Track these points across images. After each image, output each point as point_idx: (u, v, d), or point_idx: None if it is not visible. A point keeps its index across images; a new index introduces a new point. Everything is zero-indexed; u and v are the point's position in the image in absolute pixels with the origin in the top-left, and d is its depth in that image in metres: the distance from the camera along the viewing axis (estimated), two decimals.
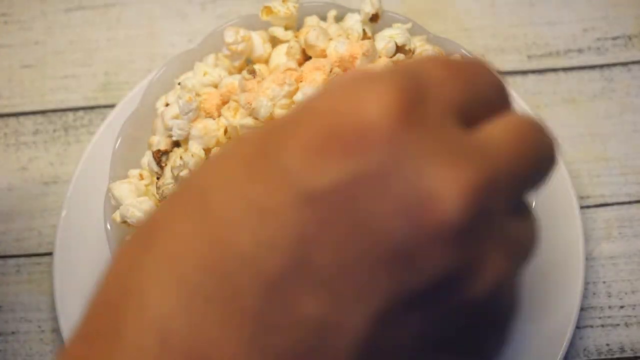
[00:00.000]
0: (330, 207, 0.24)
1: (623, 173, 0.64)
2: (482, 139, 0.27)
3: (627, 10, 0.69)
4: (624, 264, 0.61)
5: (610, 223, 0.63)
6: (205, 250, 0.25)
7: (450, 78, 0.27)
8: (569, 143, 0.65)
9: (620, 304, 0.60)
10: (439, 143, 0.25)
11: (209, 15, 0.70)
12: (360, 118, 0.25)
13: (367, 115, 0.25)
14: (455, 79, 0.27)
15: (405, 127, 0.25)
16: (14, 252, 0.61)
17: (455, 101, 0.27)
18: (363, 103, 0.25)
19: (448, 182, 0.24)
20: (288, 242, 0.24)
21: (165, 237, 0.25)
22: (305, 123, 0.25)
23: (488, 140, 0.27)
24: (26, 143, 0.64)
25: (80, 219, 0.59)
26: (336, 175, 0.24)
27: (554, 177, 0.65)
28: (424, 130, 0.25)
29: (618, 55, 0.68)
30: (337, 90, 0.26)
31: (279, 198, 0.24)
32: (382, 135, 0.24)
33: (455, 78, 0.27)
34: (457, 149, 0.25)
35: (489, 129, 0.27)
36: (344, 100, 0.25)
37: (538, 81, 0.67)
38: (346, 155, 0.24)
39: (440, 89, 0.27)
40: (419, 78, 0.26)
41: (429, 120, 0.25)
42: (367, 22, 0.54)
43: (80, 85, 0.66)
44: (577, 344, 0.59)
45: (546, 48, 0.68)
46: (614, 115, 0.66)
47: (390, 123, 0.25)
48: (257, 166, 0.25)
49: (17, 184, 0.63)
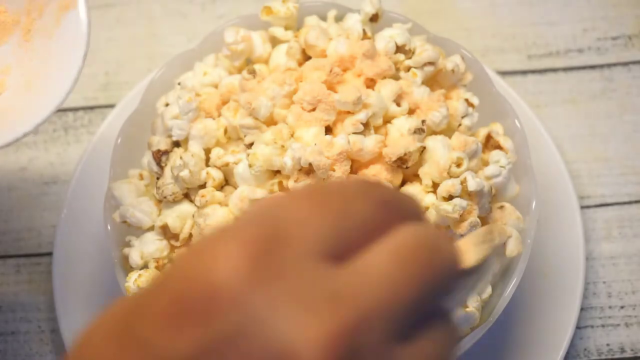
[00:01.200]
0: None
1: (623, 173, 0.64)
2: (355, 272, 0.26)
3: (627, 10, 0.69)
4: (624, 264, 0.61)
5: (610, 223, 0.63)
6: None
7: (314, 214, 0.26)
8: (569, 143, 0.65)
9: (620, 304, 0.60)
10: (297, 291, 0.25)
11: (209, 15, 0.70)
12: (209, 282, 0.24)
13: (215, 279, 0.24)
14: (319, 214, 0.26)
15: (254, 283, 0.24)
16: (13, 252, 0.61)
17: (320, 238, 0.26)
18: (212, 265, 0.25)
19: (305, 333, 0.24)
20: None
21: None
22: (160, 292, 0.25)
23: (362, 271, 0.26)
24: (26, 143, 0.64)
25: (80, 219, 0.59)
26: (191, 344, 0.24)
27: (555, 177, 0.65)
28: (279, 281, 0.25)
29: (618, 55, 0.68)
30: (191, 253, 0.26)
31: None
32: (230, 298, 0.24)
33: (320, 212, 0.26)
34: (318, 293, 0.25)
35: (367, 257, 0.26)
36: (194, 264, 0.25)
37: (538, 81, 0.67)
38: (197, 322, 0.24)
39: (302, 229, 0.26)
40: (276, 222, 0.26)
41: (286, 267, 0.25)
42: (367, 22, 0.54)
43: (80, 85, 0.66)
44: (577, 344, 0.59)
45: (546, 48, 0.68)
46: (614, 115, 0.66)
47: (238, 283, 0.24)
48: (123, 339, 0.25)
49: (17, 184, 0.63)
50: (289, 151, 0.47)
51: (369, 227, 0.27)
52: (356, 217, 0.27)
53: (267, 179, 0.49)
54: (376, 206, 0.27)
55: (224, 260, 0.25)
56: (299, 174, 0.46)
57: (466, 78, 0.53)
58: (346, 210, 0.27)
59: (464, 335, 0.48)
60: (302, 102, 0.48)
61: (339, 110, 0.48)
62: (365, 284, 0.26)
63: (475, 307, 0.48)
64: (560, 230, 0.60)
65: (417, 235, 0.27)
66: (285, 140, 0.48)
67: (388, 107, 0.50)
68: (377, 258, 0.26)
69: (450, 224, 0.48)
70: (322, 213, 0.26)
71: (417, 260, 0.27)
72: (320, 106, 0.48)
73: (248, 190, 0.48)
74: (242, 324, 0.24)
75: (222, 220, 0.48)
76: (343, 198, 0.27)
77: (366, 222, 0.27)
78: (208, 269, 0.25)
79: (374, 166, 0.49)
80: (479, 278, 0.37)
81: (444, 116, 0.50)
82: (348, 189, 0.28)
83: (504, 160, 0.50)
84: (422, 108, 0.50)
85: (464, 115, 0.52)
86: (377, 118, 0.49)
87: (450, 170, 0.49)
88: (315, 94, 0.48)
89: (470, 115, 0.52)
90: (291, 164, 0.46)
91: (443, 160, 0.49)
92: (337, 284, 0.25)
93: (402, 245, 0.27)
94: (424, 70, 0.52)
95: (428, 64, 0.52)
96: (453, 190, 0.47)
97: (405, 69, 0.52)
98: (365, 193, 0.28)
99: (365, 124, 0.48)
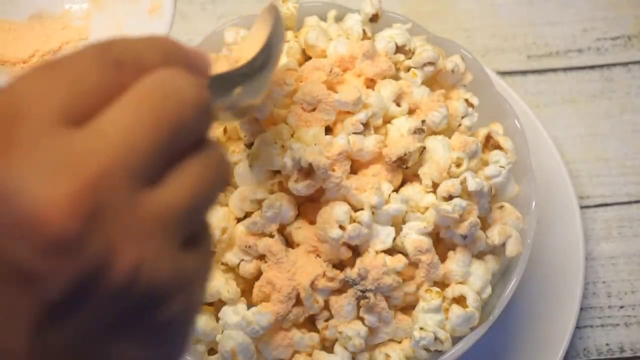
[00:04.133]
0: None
1: (623, 173, 0.64)
2: (92, 130, 0.27)
3: (627, 10, 0.69)
4: (623, 264, 0.61)
5: (610, 223, 0.63)
6: None
7: (46, 84, 0.27)
8: (569, 143, 0.65)
9: (620, 304, 0.60)
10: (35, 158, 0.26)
11: (209, 15, 0.70)
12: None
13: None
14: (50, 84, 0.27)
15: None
16: None
17: (54, 107, 0.27)
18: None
19: (46, 197, 0.25)
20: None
21: None
22: None
23: (98, 128, 0.27)
24: None
25: None
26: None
27: (554, 177, 0.65)
28: (17, 151, 0.26)
29: (618, 56, 0.68)
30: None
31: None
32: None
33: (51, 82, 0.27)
34: (58, 157, 0.26)
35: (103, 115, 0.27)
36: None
37: (538, 81, 0.67)
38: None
39: (35, 100, 0.27)
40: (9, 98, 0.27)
41: (22, 137, 0.26)
42: (367, 22, 0.54)
43: None
44: (577, 343, 0.59)
45: (546, 48, 0.68)
46: (613, 115, 0.66)
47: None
48: None
49: None
50: (289, 151, 0.47)
51: (104, 89, 0.28)
52: (89, 81, 0.28)
53: (267, 179, 0.49)
54: (110, 67, 0.28)
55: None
56: (299, 174, 0.46)
57: (466, 78, 0.53)
58: (77, 76, 0.28)
59: (464, 335, 0.48)
60: (302, 102, 0.48)
61: (339, 110, 0.49)
62: (102, 139, 0.27)
63: (475, 307, 0.48)
64: (560, 230, 0.60)
65: (149, 82, 0.29)
66: (285, 140, 0.48)
67: (388, 107, 0.50)
68: (111, 113, 0.27)
69: (450, 224, 0.48)
70: (53, 83, 0.27)
71: (149, 104, 0.28)
72: (320, 106, 0.48)
73: (248, 191, 0.48)
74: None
75: (221, 220, 0.48)
76: (74, 66, 0.28)
77: (100, 85, 0.28)
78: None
79: (374, 166, 0.49)
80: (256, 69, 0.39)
81: (443, 116, 0.50)
82: (80, 56, 0.28)
83: (503, 160, 0.50)
84: (422, 108, 0.50)
85: (463, 115, 0.52)
86: (377, 118, 0.49)
87: (450, 170, 0.49)
88: (315, 94, 0.48)
89: (470, 115, 0.52)
90: (291, 164, 0.46)
91: (443, 161, 0.49)
92: (75, 145, 0.26)
93: (134, 95, 0.28)
94: (424, 70, 0.52)
95: (428, 64, 0.52)
96: (453, 190, 0.47)
97: (405, 69, 0.52)
98: (97, 57, 0.28)
99: (365, 124, 0.48)
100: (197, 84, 0.30)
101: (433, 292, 0.48)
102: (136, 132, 0.27)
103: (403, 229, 0.48)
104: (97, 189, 0.26)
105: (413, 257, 0.48)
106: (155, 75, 0.29)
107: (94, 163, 0.26)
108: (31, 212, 0.25)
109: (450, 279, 0.48)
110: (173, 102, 0.29)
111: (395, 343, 0.49)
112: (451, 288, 0.48)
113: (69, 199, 0.26)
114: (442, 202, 0.47)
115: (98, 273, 0.26)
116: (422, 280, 0.48)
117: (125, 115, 0.28)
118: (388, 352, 0.48)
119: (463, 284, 0.48)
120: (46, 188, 0.25)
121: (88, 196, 0.26)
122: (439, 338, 0.47)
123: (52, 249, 0.25)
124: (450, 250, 0.49)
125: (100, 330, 0.28)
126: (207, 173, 0.30)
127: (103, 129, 0.27)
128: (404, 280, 0.48)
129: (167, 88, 0.29)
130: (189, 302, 0.29)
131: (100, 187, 0.26)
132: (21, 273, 0.26)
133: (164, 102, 0.28)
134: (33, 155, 0.26)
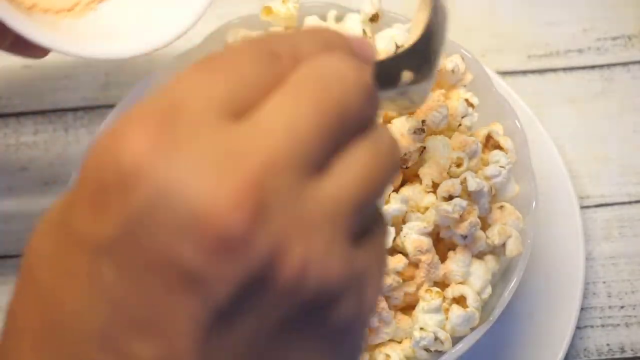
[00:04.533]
0: (120, 251, 0.25)
1: (623, 173, 0.64)
2: (254, 123, 0.26)
3: (627, 10, 0.69)
4: (624, 264, 0.61)
5: (610, 223, 0.63)
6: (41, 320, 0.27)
7: (204, 80, 0.27)
8: (569, 143, 0.65)
9: (620, 304, 0.60)
10: (199, 155, 0.25)
11: (209, 15, 0.69)
12: (117, 162, 0.25)
13: (122, 158, 0.25)
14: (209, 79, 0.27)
15: (156, 155, 0.25)
16: (13, 252, 0.61)
17: (214, 101, 0.26)
18: (117, 146, 0.25)
19: (214, 193, 0.24)
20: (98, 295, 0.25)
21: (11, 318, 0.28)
22: (82, 182, 0.26)
23: (260, 119, 0.26)
24: (26, 143, 0.64)
25: None
26: (111, 225, 0.25)
27: (555, 177, 0.65)
28: (180, 148, 0.25)
29: (618, 56, 0.68)
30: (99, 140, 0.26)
31: (77, 258, 0.26)
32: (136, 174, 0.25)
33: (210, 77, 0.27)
34: (221, 152, 0.25)
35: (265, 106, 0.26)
36: (104, 149, 0.26)
37: (538, 81, 0.67)
38: (113, 204, 0.25)
39: (195, 96, 0.26)
40: (169, 95, 0.26)
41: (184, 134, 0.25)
42: (367, 22, 0.54)
43: (80, 85, 0.66)
44: (577, 344, 0.59)
45: (546, 48, 0.68)
46: (613, 115, 0.66)
47: (142, 157, 0.25)
48: (58, 234, 0.26)
49: (17, 184, 0.63)
50: None
51: (262, 81, 0.27)
52: (246, 74, 0.27)
53: None
54: (267, 59, 0.27)
55: (126, 139, 0.25)
56: None
57: (466, 78, 0.53)
58: (234, 70, 0.27)
59: (464, 335, 0.48)
60: None
61: None
62: (264, 131, 0.26)
63: (475, 307, 0.48)
64: (560, 230, 0.60)
65: (309, 69, 0.27)
66: None
67: None
68: (271, 103, 0.26)
69: (450, 224, 0.48)
70: (211, 79, 0.27)
71: (311, 91, 0.27)
72: None
73: None
74: (153, 197, 0.24)
75: None
76: (230, 60, 0.27)
77: (259, 77, 0.27)
78: (115, 150, 0.25)
79: None
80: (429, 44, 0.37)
81: (443, 116, 0.50)
82: (235, 51, 0.28)
83: (503, 160, 0.50)
84: (422, 108, 0.50)
85: (463, 115, 0.51)
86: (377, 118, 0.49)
87: (450, 170, 0.49)
88: None
89: (470, 115, 0.52)
90: None
91: (443, 161, 0.49)
92: (237, 139, 0.25)
93: (294, 83, 0.27)
94: None
95: None
96: (453, 190, 0.47)
97: None
98: (253, 50, 0.28)
99: None
100: (361, 67, 0.28)
101: (433, 292, 0.48)
102: (299, 120, 0.26)
103: (403, 229, 0.48)
104: (263, 183, 0.25)
105: (413, 257, 0.48)
106: (314, 62, 0.28)
107: (258, 156, 0.25)
108: (197, 210, 0.24)
109: (450, 279, 0.48)
110: (336, 87, 0.27)
111: (396, 343, 0.49)
112: (451, 288, 0.48)
113: (235, 195, 0.24)
114: (442, 202, 0.47)
115: (267, 272, 0.25)
116: (422, 281, 0.48)
117: (287, 104, 0.26)
118: (388, 352, 0.48)
119: (463, 284, 0.48)
120: (210, 184, 0.24)
121: (254, 191, 0.25)
122: (439, 338, 0.47)
123: (220, 248, 0.24)
124: (450, 250, 0.49)
125: (270, 335, 0.26)
126: (377, 159, 0.28)
127: (264, 120, 0.26)
128: (404, 281, 0.48)
129: (329, 73, 0.27)
130: (361, 303, 0.28)
131: (266, 180, 0.25)
132: (187, 275, 0.24)
133: (326, 87, 0.27)
134: (196, 151, 0.25)
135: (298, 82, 0.27)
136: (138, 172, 0.25)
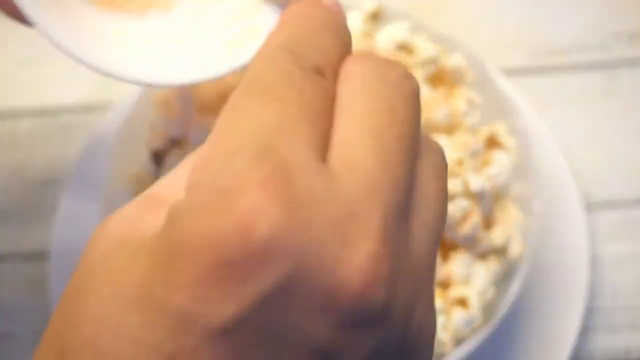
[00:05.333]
0: (244, 334, 0.22)
1: (628, 173, 0.64)
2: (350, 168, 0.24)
3: (632, 8, 0.69)
4: (629, 265, 0.61)
5: (615, 223, 0.62)
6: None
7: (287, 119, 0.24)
8: (573, 142, 0.65)
9: (625, 306, 0.60)
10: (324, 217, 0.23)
11: None
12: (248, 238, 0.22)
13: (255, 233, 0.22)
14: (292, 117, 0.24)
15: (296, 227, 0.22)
16: (11, 252, 0.61)
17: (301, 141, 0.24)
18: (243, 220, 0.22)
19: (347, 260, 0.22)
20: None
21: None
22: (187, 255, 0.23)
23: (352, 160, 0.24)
24: (24, 143, 0.64)
25: (78, 219, 0.59)
26: (240, 302, 0.22)
27: (558, 176, 0.64)
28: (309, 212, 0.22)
29: (623, 54, 0.68)
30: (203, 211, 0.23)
31: (184, 342, 0.22)
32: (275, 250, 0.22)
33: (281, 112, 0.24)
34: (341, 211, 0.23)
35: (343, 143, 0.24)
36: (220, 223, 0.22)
37: (541, 79, 0.67)
38: (243, 280, 0.22)
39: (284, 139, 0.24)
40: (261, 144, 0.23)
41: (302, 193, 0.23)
42: (368, 19, 0.53)
43: (79, 85, 0.66)
44: (582, 345, 0.58)
45: (550, 46, 0.68)
46: (618, 114, 0.66)
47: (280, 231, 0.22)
48: (147, 310, 0.23)
49: (15, 184, 0.63)
50: None
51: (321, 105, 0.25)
52: (309, 101, 0.25)
53: None
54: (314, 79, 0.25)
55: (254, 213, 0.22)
56: None
57: (468, 76, 0.53)
58: (297, 99, 0.24)
59: (466, 337, 0.48)
60: None
61: None
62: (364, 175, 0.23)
63: (478, 309, 0.47)
64: (564, 231, 0.60)
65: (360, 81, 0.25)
66: None
67: None
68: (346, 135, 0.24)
69: (452, 225, 0.47)
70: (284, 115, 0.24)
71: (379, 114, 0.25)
72: None
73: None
74: (292, 272, 0.22)
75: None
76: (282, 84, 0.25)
77: (319, 101, 0.25)
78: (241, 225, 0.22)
79: None
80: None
81: (445, 115, 0.50)
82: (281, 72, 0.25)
83: (506, 159, 0.50)
84: (423, 107, 0.50)
85: (465, 114, 0.51)
86: None
87: (451, 170, 0.48)
88: None
89: (472, 114, 0.51)
90: None
91: None
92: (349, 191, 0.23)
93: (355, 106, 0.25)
94: (425, 68, 0.51)
95: (429, 62, 0.51)
96: (454, 190, 0.47)
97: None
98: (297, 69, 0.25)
99: None
100: (402, 66, 0.26)
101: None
102: (387, 156, 0.24)
103: None
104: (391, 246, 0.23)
105: None
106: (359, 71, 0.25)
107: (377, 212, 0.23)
108: (335, 282, 0.22)
109: (452, 280, 0.48)
110: (396, 101, 0.25)
111: None
112: (453, 289, 0.48)
113: (369, 260, 0.22)
114: None
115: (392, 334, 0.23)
116: None
117: (364, 135, 0.24)
118: None
119: (465, 285, 0.48)
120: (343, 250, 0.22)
121: (387, 252, 0.22)
122: (441, 340, 0.47)
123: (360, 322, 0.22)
124: (451, 250, 0.49)
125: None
126: (442, 182, 0.26)
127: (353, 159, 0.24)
128: None
129: (383, 86, 0.25)
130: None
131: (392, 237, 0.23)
132: (317, 352, 0.22)
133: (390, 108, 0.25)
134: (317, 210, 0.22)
135: (359, 104, 0.25)
136: (276, 246, 0.22)
